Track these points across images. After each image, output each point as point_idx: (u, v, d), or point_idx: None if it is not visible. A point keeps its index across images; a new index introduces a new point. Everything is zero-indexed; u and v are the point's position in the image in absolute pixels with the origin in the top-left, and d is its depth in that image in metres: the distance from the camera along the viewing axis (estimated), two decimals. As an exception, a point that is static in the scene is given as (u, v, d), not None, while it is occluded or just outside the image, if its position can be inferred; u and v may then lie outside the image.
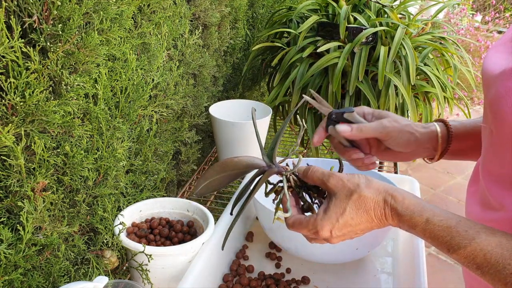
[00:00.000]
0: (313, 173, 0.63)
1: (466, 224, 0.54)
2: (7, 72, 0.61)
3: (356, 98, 1.30)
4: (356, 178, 0.60)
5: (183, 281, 0.80)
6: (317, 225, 0.60)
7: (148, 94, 0.94)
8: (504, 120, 0.53)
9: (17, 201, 0.67)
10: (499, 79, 0.55)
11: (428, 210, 0.56)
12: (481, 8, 5.16)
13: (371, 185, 0.59)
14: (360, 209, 0.59)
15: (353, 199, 0.59)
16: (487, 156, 0.62)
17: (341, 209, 0.59)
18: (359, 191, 0.59)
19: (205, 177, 0.66)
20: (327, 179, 0.61)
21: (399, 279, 0.92)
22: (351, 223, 0.59)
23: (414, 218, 0.56)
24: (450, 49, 1.37)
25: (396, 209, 0.57)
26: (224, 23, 1.42)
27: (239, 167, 0.67)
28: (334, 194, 0.60)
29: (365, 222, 0.59)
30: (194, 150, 1.29)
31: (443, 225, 0.54)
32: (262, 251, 1.02)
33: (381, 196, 0.58)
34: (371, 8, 1.41)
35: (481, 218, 0.65)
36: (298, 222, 0.62)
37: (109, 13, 0.74)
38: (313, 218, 0.61)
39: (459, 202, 2.74)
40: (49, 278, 0.74)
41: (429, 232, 0.55)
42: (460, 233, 0.53)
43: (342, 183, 0.60)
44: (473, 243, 0.52)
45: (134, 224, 0.93)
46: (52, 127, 0.70)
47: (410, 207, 0.57)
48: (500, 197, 0.59)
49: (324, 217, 0.60)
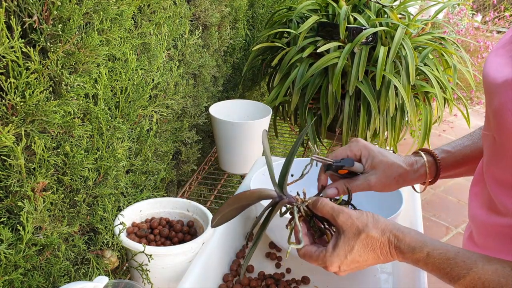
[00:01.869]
0: (322, 207, 0.65)
1: (464, 255, 0.57)
2: (7, 72, 0.61)
3: (356, 98, 1.30)
4: (365, 217, 0.63)
5: (183, 281, 0.80)
6: (327, 261, 0.63)
7: (148, 94, 0.94)
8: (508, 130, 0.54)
9: (17, 201, 0.67)
10: (503, 89, 0.55)
11: (429, 245, 0.59)
12: (481, 8, 5.16)
13: (378, 225, 0.62)
14: (368, 248, 0.62)
15: (361, 238, 0.62)
16: (490, 160, 0.62)
17: (350, 247, 0.62)
18: (367, 231, 0.62)
19: (220, 210, 0.69)
20: (336, 215, 0.63)
21: (399, 279, 0.92)
22: (359, 259, 0.63)
23: (416, 254, 0.59)
24: (449, 49, 1.37)
25: (400, 248, 0.61)
26: (224, 23, 1.42)
27: (251, 199, 0.69)
28: (343, 231, 0.63)
29: (372, 259, 0.63)
30: (194, 150, 1.29)
31: (442, 257, 0.58)
32: (262, 251, 1.02)
33: (386, 236, 0.62)
34: (371, 8, 1.41)
35: (486, 223, 0.64)
36: (309, 254, 0.65)
37: (109, 13, 0.74)
38: (322, 254, 0.64)
39: (459, 202, 2.74)
40: (49, 278, 0.74)
41: (431, 265, 0.59)
42: (459, 264, 0.56)
43: (351, 221, 0.63)
44: (471, 273, 0.55)
45: (134, 224, 0.93)
46: (52, 127, 0.70)
47: (411, 244, 0.60)
48: (506, 203, 0.59)
49: (333, 254, 0.63)
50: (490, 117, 0.59)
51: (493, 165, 0.61)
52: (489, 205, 0.63)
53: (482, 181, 0.66)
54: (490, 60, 0.61)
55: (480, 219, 0.66)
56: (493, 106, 0.57)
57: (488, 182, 0.63)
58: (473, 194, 0.70)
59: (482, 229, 0.67)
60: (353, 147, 0.76)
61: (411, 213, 1.02)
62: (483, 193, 0.65)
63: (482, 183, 0.66)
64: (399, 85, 1.24)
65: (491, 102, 0.58)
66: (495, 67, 0.59)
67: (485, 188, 0.64)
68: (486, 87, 0.60)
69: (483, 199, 0.65)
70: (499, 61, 0.59)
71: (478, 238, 0.69)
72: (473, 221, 0.70)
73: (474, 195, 0.69)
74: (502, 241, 0.61)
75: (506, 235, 0.61)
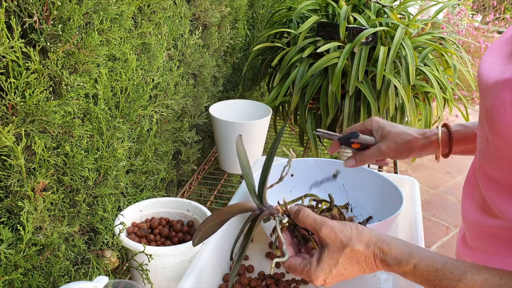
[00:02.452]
0: (304, 219, 0.64)
1: (452, 265, 0.56)
2: (7, 72, 0.61)
3: (356, 98, 1.30)
4: (348, 230, 0.61)
5: (183, 281, 0.80)
6: (311, 275, 0.62)
7: (148, 94, 0.94)
8: (500, 132, 0.54)
9: (17, 201, 0.67)
10: (494, 90, 0.56)
11: (415, 257, 0.58)
12: (481, 9, 5.16)
13: (362, 238, 0.61)
14: (353, 261, 0.61)
15: (345, 252, 0.60)
16: (483, 160, 0.62)
17: (334, 261, 0.61)
18: (351, 244, 0.60)
19: (200, 228, 0.68)
20: (319, 228, 0.62)
21: (399, 279, 0.92)
22: (344, 272, 0.62)
23: (402, 267, 0.58)
24: (449, 50, 1.37)
25: (385, 261, 0.60)
26: (224, 23, 1.42)
27: (232, 213, 0.69)
28: (327, 245, 0.62)
29: (357, 271, 0.62)
30: (194, 150, 1.29)
31: (430, 269, 0.57)
32: (262, 251, 1.02)
33: (371, 249, 0.60)
34: (371, 8, 1.41)
35: (478, 223, 0.64)
36: (294, 267, 0.64)
37: (109, 13, 0.74)
38: (307, 268, 0.63)
39: (459, 202, 2.74)
40: (49, 278, 0.74)
41: (418, 277, 0.58)
42: (447, 276, 0.55)
43: (334, 235, 0.61)
44: (460, 284, 0.54)
45: (134, 224, 0.93)
46: (52, 127, 0.70)
47: (397, 256, 0.59)
48: (499, 204, 0.59)
49: (318, 268, 0.62)
50: (483, 117, 0.59)
51: (487, 165, 0.61)
52: (482, 206, 0.63)
53: (474, 181, 0.66)
54: (485, 60, 0.61)
55: (472, 220, 0.66)
56: (485, 106, 0.57)
57: (481, 181, 0.62)
58: (465, 194, 0.69)
59: (475, 231, 0.67)
60: (366, 122, 0.85)
61: (411, 213, 1.02)
62: (476, 194, 0.65)
63: (474, 183, 0.66)
64: (399, 85, 1.24)
65: (484, 102, 0.59)
66: (488, 67, 0.59)
67: (477, 188, 0.64)
68: (480, 87, 0.60)
69: (476, 200, 0.65)
70: (493, 61, 0.59)
71: (471, 240, 0.68)
72: (466, 222, 0.70)
73: (466, 196, 0.69)
74: (496, 243, 0.61)
75: (499, 236, 0.60)
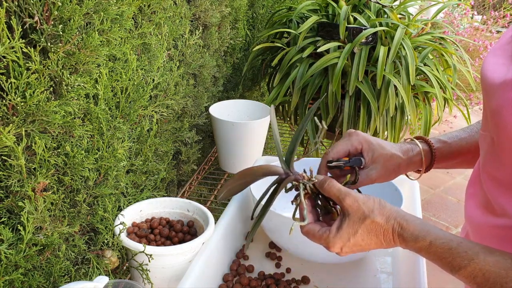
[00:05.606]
0: (329, 188, 0.65)
1: (466, 245, 0.57)
2: (8, 72, 0.61)
3: (356, 98, 1.30)
4: (371, 202, 0.63)
5: (183, 281, 0.80)
6: (329, 242, 0.64)
7: (148, 94, 0.94)
8: (507, 131, 0.55)
9: (17, 201, 0.67)
10: (501, 90, 0.56)
11: (432, 234, 0.59)
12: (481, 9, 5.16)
13: (383, 212, 0.62)
14: (371, 233, 0.62)
15: (366, 223, 0.62)
16: (487, 160, 0.62)
17: (354, 230, 0.62)
18: (373, 216, 0.62)
19: (227, 185, 0.69)
20: (343, 198, 0.63)
21: (399, 279, 0.92)
22: (362, 243, 0.63)
23: (418, 243, 0.60)
24: (449, 49, 1.37)
25: (403, 236, 0.61)
26: (224, 24, 1.42)
27: (258, 174, 0.70)
28: (348, 214, 0.63)
29: (374, 244, 0.63)
30: (194, 150, 1.29)
31: (444, 247, 0.58)
32: (262, 251, 1.02)
33: (390, 224, 0.62)
34: (371, 9, 1.41)
35: (483, 224, 0.64)
36: (312, 233, 0.65)
37: (110, 13, 0.74)
38: (326, 234, 0.64)
39: (458, 202, 2.75)
40: (49, 278, 0.74)
41: (432, 254, 0.59)
42: (461, 254, 0.56)
43: (357, 205, 0.62)
44: (472, 263, 0.55)
45: (134, 224, 0.93)
46: (53, 127, 0.70)
47: (415, 232, 0.60)
48: (503, 203, 0.59)
49: (336, 235, 0.63)
50: (488, 117, 0.60)
51: (491, 165, 0.61)
52: (486, 206, 0.64)
53: (478, 182, 0.66)
54: (488, 60, 0.61)
55: (476, 220, 0.67)
56: (491, 106, 0.58)
57: (485, 182, 0.63)
58: (469, 194, 0.70)
59: (478, 230, 0.67)
60: (353, 141, 0.76)
61: (411, 213, 1.02)
62: (480, 194, 0.66)
63: (478, 184, 0.66)
64: (399, 85, 1.24)
65: (489, 102, 0.59)
66: (492, 67, 0.59)
67: (481, 189, 0.65)
68: (484, 88, 0.61)
69: (480, 200, 0.66)
70: (497, 61, 0.59)
71: (474, 239, 0.69)
72: (469, 222, 0.70)
73: (470, 196, 0.69)
74: (499, 243, 0.62)
75: (502, 236, 0.61)
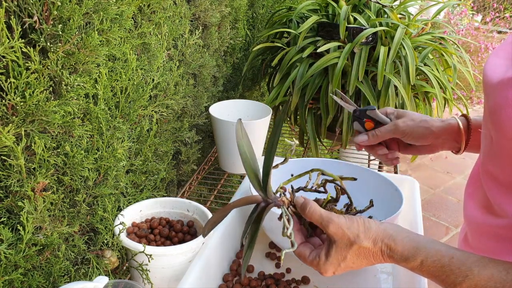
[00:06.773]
0: (311, 214, 0.64)
1: (458, 260, 0.56)
2: (7, 72, 0.61)
3: (356, 98, 1.30)
4: (355, 227, 0.62)
5: (183, 281, 0.80)
6: (321, 268, 0.64)
7: (148, 94, 0.94)
8: (504, 130, 0.55)
9: (17, 201, 0.67)
10: (498, 88, 0.57)
11: (422, 252, 0.58)
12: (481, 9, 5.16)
13: (369, 235, 0.62)
14: (361, 256, 0.62)
15: (353, 249, 0.62)
16: (487, 159, 0.62)
17: (342, 256, 0.62)
18: (359, 242, 0.61)
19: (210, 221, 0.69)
20: (326, 225, 0.63)
21: (399, 279, 0.92)
22: (353, 266, 0.63)
23: (409, 263, 0.59)
24: (449, 49, 1.37)
25: (393, 257, 0.61)
26: (224, 23, 1.42)
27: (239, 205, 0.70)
28: (334, 241, 0.63)
29: (366, 264, 0.64)
30: (194, 150, 1.29)
31: (436, 265, 0.57)
32: (262, 251, 1.02)
33: (378, 246, 0.61)
34: (371, 8, 1.41)
35: (482, 224, 0.65)
36: (303, 256, 0.66)
37: (109, 13, 0.74)
38: (316, 261, 0.64)
39: (458, 202, 2.74)
40: (49, 278, 0.74)
41: (426, 273, 0.59)
42: (454, 271, 0.56)
43: (341, 232, 0.62)
44: (467, 280, 0.55)
45: (134, 224, 0.93)
46: (52, 127, 0.70)
47: (404, 253, 0.60)
48: (502, 203, 0.59)
49: (326, 263, 0.63)
50: (487, 116, 0.60)
51: (490, 164, 0.61)
52: (485, 206, 0.64)
53: (477, 181, 0.66)
54: (489, 62, 0.62)
55: (475, 220, 0.67)
56: (489, 104, 0.58)
57: (485, 182, 0.63)
58: (468, 194, 0.70)
59: (477, 230, 0.67)
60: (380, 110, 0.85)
61: (411, 213, 1.02)
62: (479, 194, 0.66)
63: (478, 183, 0.66)
64: (399, 85, 1.24)
65: (488, 101, 0.60)
66: (493, 68, 0.60)
67: (480, 189, 0.65)
68: (485, 88, 0.61)
69: (479, 200, 0.66)
70: (497, 62, 0.60)
71: (473, 239, 0.69)
72: (468, 222, 0.70)
73: (469, 196, 0.69)
74: (498, 243, 0.62)
75: (501, 236, 0.61)
